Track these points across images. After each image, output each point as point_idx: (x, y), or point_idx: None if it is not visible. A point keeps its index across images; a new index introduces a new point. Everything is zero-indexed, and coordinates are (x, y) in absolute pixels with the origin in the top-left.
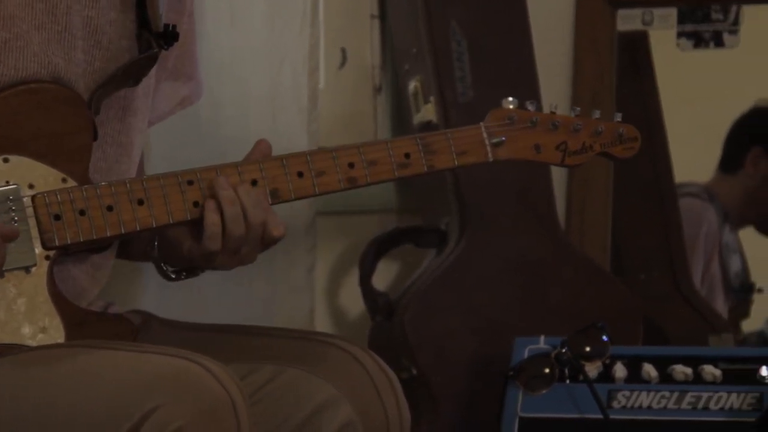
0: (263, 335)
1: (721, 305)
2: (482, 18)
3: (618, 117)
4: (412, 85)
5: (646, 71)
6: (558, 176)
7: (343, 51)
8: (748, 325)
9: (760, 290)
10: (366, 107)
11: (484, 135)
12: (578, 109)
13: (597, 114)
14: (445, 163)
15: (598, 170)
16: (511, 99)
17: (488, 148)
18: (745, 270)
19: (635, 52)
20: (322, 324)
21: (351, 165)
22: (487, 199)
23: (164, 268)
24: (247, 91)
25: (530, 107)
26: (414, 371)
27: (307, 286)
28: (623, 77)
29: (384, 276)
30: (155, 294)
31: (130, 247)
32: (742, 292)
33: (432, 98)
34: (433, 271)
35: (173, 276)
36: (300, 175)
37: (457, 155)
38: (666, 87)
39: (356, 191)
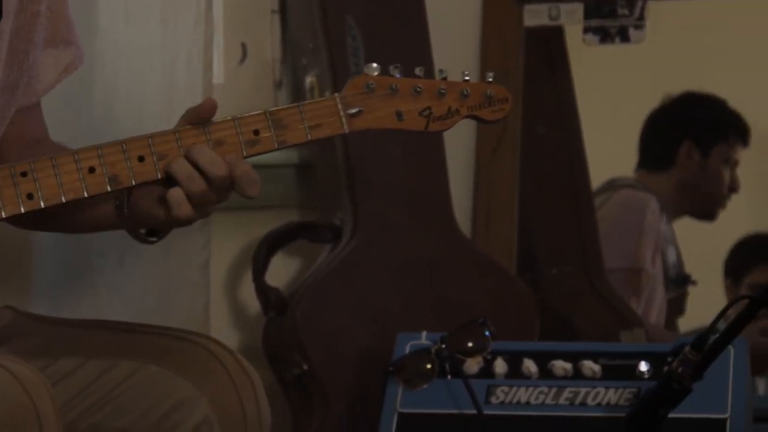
0: (126, 331)
1: (661, 296)
2: (379, 13)
3: (489, 77)
4: (309, 80)
5: (561, 67)
6: (463, 176)
7: (244, 46)
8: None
9: (694, 282)
10: (266, 102)
11: (339, 106)
12: (444, 71)
13: (466, 76)
14: (297, 137)
15: (503, 167)
16: (375, 65)
17: (343, 119)
18: (680, 262)
19: (550, 47)
20: (218, 320)
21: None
22: (380, 197)
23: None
24: (142, 87)
25: (394, 73)
26: (305, 366)
27: (203, 282)
28: (538, 73)
29: (282, 272)
30: (47, 292)
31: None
32: (678, 283)
33: (327, 93)
34: (326, 266)
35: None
36: (141, 159)
37: (310, 129)
38: (575, 82)
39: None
